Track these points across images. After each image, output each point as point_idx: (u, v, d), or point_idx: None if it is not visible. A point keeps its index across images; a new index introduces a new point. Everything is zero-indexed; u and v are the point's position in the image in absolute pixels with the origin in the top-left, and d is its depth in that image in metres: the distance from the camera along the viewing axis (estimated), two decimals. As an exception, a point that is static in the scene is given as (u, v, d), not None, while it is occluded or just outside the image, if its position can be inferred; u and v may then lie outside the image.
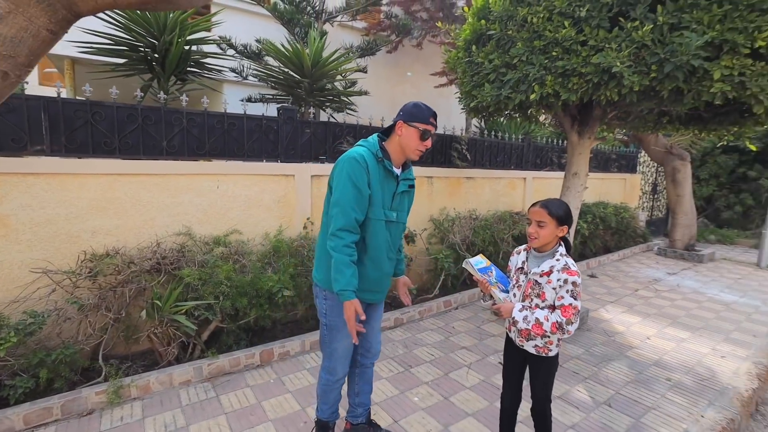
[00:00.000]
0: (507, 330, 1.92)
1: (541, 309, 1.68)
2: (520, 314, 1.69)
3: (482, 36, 3.28)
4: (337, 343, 1.92)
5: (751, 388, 2.88)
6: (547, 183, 7.00)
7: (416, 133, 1.78)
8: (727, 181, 10.06)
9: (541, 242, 1.73)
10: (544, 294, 1.67)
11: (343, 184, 1.70)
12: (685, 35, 2.23)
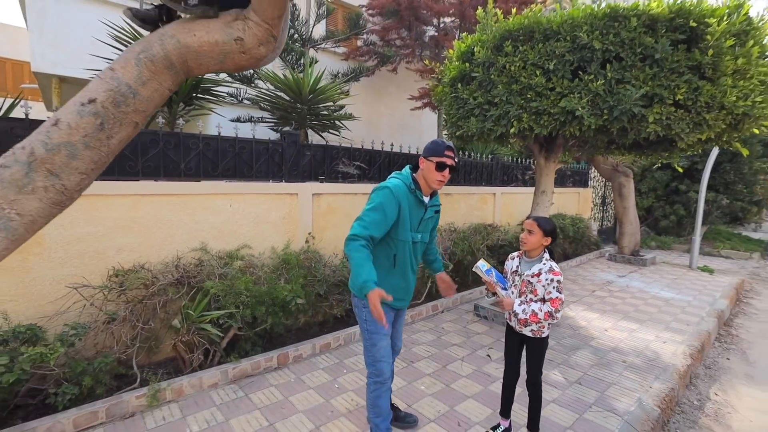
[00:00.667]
0: (507, 320, 2.41)
1: (534, 302, 2.19)
2: (519, 308, 2.20)
3: (466, 76, 3.87)
4: (379, 343, 2.17)
5: (686, 365, 3.56)
6: (513, 198, 7.74)
7: (433, 165, 2.08)
8: (663, 193, 11.37)
9: (529, 246, 2.24)
10: (536, 290, 2.19)
11: (374, 205, 2.01)
12: (627, 88, 2.89)
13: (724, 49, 2.79)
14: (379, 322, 1.77)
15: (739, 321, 5.35)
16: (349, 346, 3.86)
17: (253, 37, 1.65)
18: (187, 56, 1.60)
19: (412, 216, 2.13)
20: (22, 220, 1.41)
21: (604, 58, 3.03)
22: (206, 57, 1.63)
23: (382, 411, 2.23)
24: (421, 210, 2.17)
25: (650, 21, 2.93)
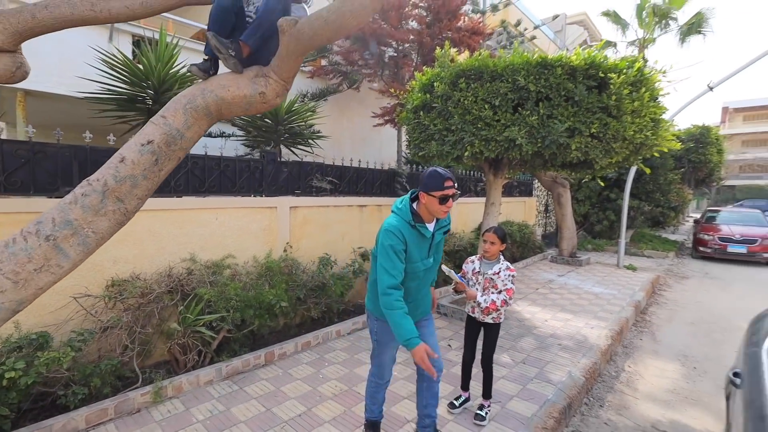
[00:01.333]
0: (470, 312, 2.99)
1: (495, 294, 2.79)
2: (482, 298, 2.79)
3: (427, 105, 4.50)
4: (384, 354, 2.41)
5: (607, 345, 4.37)
6: (467, 207, 8.54)
7: (436, 200, 2.07)
8: (597, 201, 12.78)
9: (491, 255, 2.86)
10: (497, 285, 2.80)
11: (385, 252, 2.04)
12: (555, 123, 3.64)
13: (624, 95, 3.63)
14: (428, 372, 1.88)
15: (652, 309, 6.39)
16: (327, 343, 4.30)
17: (272, 92, 2.13)
18: (221, 106, 2.05)
19: (419, 248, 2.16)
20: (95, 236, 1.79)
21: (537, 97, 3.78)
22: (236, 106, 2.08)
23: (377, 400, 2.57)
24: (427, 240, 2.21)
25: (571, 70, 3.72)
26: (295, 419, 2.90)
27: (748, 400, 1.81)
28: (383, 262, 2.06)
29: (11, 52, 1.99)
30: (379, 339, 2.40)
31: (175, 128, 1.93)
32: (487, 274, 2.86)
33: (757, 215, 12.18)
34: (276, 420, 2.89)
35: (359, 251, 5.54)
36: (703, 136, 14.45)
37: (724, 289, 7.87)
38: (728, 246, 10.79)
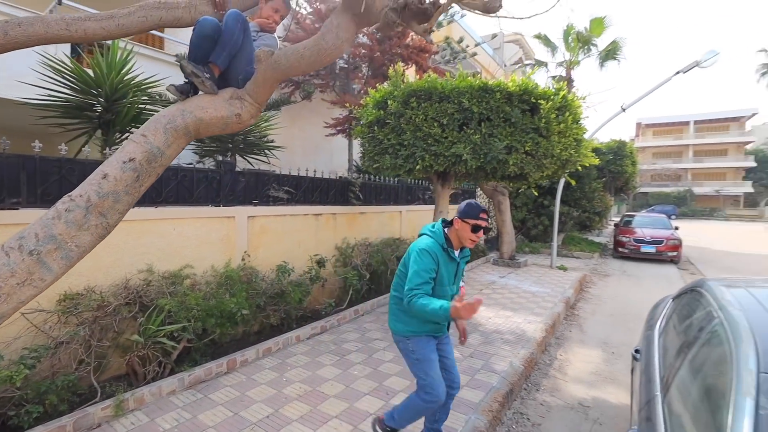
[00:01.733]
0: None
1: None
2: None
3: (381, 120, 4.83)
4: (432, 369, 2.31)
5: (542, 337, 4.93)
6: (417, 215, 8.99)
7: (469, 227, 2.25)
8: (533, 207, 13.91)
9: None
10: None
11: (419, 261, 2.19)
12: (495, 141, 4.13)
13: (552, 118, 4.20)
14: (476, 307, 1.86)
15: (579, 304, 7.19)
16: (287, 348, 4.43)
17: (247, 113, 2.31)
18: (200, 126, 2.19)
19: (447, 272, 2.31)
20: (78, 250, 1.87)
21: (479, 118, 4.25)
22: (214, 126, 2.24)
23: (416, 418, 2.44)
24: (454, 264, 2.37)
25: (508, 95, 4.24)
26: (263, 420, 3.04)
27: (643, 369, 2.30)
28: (417, 269, 2.17)
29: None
30: (419, 357, 2.34)
31: (156, 146, 2.05)
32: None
33: (663, 219, 13.95)
34: (245, 423, 3.00)
35: (315, 258, 5.71)
36: (620, 149, 16.26)
37: (637, 284, 9.01)
38: (641, 246, 12.27)
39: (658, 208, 37.75)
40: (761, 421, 1.09)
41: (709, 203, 45.51)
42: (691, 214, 42.14)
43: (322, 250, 6.03)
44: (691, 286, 2.52)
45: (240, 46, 2.31)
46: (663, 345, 2.36)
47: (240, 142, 5.70)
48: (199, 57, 2.26)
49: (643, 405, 1.94)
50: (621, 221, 14.80)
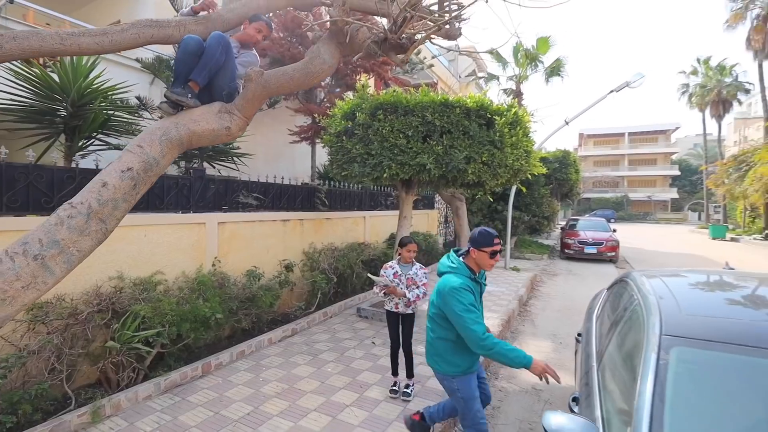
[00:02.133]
0: (393, 308, 3.58)
1: (417, 289, 3.44)
2: (411, 294, 3.42)
3: (349, 131, 5.09)
4: (475, 406, 2.44)
5: (498, 331, 5.38)
6: (379, 220, 9.30)
7: (487, 255, 2.38)
8: (487, 212, 14.69)
9: (410, 260, 3.52)
10: (417, 282, 3.45)
11: (462, 300, 2.25)
12: (456, 152, 4.53)
13: (505, 132, 4.68)
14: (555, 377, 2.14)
15: (531, 301, 7.81)
16: (260, 351, 4.54)
17: (236, 126, 2.50)
18: (192, 138, 2.36)
19: (476, 289, 2.46)
20: (79, 254, 1.97)
21: (442, 131, 4.65)
22: (205, 138, 2.41)
23: None
24: (479, 287, 2.52)
25: (467, 110, 4.67)
26: (244, 417, 3.17)
27: (583, 347, 2.72)
28: (467, 316, 2.22)
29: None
30: (464, 396, 2.43)
31: (153, 156, 2.19)
32: (408, 274, 3.52)
33: (602, 222, 15.25)
34: (226, 421, 3.12)
35: (284, 263, 5.83)
36: (564, 158, 17.57)
37: (582, 282, 9.86)
38: (585, 248, 13.36)
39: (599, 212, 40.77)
40: (660, 367, 1.47)
41: (643, 208, 49.82)
42: (628, 218, 45.88)
43: (290, 255, 6.16)
44: (621, 278, 3.00)
45: (222, 64, 2.50)
46: (599, 326, 2.81)
47: (208, 150, 5.73)
48: (184, 72, 2.43)
49: (583, 375, 2.34)
50: (567, 225, 15.98)
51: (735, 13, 21.56)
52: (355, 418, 3.19)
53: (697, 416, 1.35)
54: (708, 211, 35.57)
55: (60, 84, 3.97)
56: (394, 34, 2.02)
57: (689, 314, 1.78)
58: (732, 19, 21.76)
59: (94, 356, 3.49)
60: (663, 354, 1.53)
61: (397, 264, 3.64)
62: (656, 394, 1.38)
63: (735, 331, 1.59)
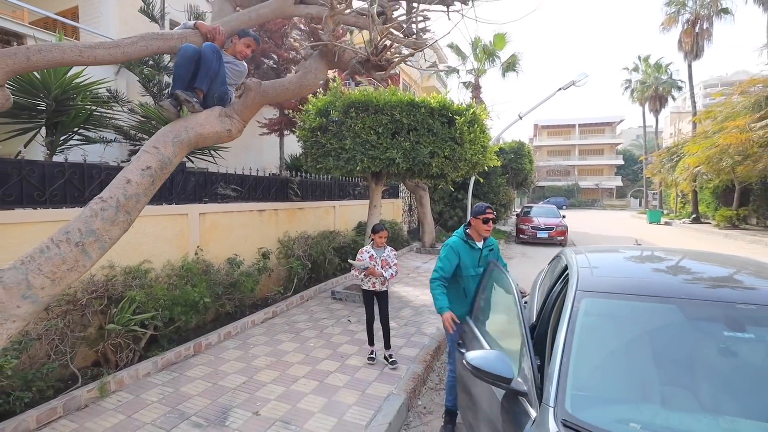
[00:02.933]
0: (371, 287, 4.06)
1: (389, 269, 3.95)
2: (387, 273, 3.92)
3: (323, 127, 5.48)
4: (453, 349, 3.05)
5: (460, 306, 6.04)
6: (348, 209, 9.73)
7: (480, 221, 2.99)
8: (449, 201, 15.50)
9: (383, 244, 4.02)
10: (389, 262, 3.96)
11: (442, 256, 3.01)
12: (421, 147, 5.05)
13: (465, 129, 5.26)
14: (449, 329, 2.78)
15: (488, 282, 8.58)
16: (245, 332, 4.91)
17: (236, 129, 2.87)
18: (199, 140, 2.70)
19: (470, 258, 3.05)
20: (110, 241, 2.31)
21: (409, 128, 5.15)
22: (209, 140, 2.76)
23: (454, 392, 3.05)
24: (476, 252, 3.07)
25: (431, 110, 5.20)
26: (241, 386, 3.58)
27: (528, 309, 3.36)
28: (438, 262, 3.00)
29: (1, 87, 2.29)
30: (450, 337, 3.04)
31: (167, 156, 2.53)
32: (382, 256, 4.03)
33: (553, 209, 16.50)
34: (225, 389, 3.52)
35: (261, 251, 6.17)
36: (519, 149, 18.70)
37: (534, 264, 10.83)
38: (537, 233, 14.47)
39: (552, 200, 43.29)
40: (574, 311, 2.07)
41: (591, 195, 53.32)
42: (578, 205, 49.00)
43: (267, 243, 6.49)
44: (557, 254, 3.67)
45: (216, 71, 2.84)
46: (540, 291, 3.46)
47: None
48: (185, 76, 2.75)
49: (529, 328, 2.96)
50: (521, 212, 17.13)
51: (669, 17, 23.53)
52: (340, 381, 3.69)
53: (595, 339, 1.96)
54: (647, 198, 38.80)
55: (41, 80, 4.08)
56: (376, 57, 2.47)
57: (598, 276, 2.41)
58: (666, 21, 23.74)
59: (92, 339, 3.74)
60: (576, 303, 2.13)
61: (372, 248, 4.13)
62: (569, 328, 1.97)
63: (627, 286, 2.23)
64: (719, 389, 1.69)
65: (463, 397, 2.76)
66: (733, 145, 14.15)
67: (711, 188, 22.09)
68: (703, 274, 2.51)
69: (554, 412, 1.62)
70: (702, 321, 1.91)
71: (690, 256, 2.95)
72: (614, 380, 1.84)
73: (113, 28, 7.93)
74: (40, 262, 2.05)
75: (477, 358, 1.99)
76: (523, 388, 1.86)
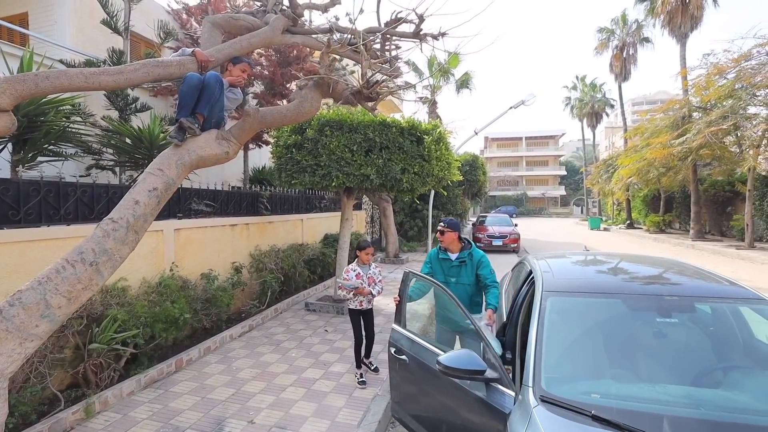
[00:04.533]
0: (358, 306, 4.26)
1: (376, 286, 4.20)
2: (374, 290, 4.16)
3: (298, 144, 5.70)
4: None
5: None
6: (315, 221, 9.89)
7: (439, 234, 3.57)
8: (409, 212, 16.02)
9: (369, 260, 4.27)
10: (375, 280, 4.21)
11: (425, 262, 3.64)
12: (393, 165, 5.42)
13: (432, 148, 5.70)
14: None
15: (452, 289, 9.08)
16: (224, 346, 4.96)
17: (233, 151, 3.06)
18: (200, 162, 2.87)
19: (443, 266, 3.56)
20: (120, 260, 2.42)
21: (381, 146, 5.50)
22: (209, 161, 2.93)
23: None
24: (449, 261, 3.53)
25: (401, 129, 5.59)
26: (231, 398, 3.68)
27: (497, 311, 3.78)
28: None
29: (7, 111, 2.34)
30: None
31: (171, 178, 2.68)
32: (368, 274, 4.25)
33: (506, 218, 17.54)
34: (215, 402, 3.61)
35: (234, 265, 6.21)
36: (474, 162, 19.73)
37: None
38: (493, 241, 15.33)
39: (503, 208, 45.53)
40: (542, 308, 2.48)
41: (538, 204, 56.69)
42: (527, 213, 51.86)
43: (239, 258, 6.53)
44: (519, 261, 4.14)
45: (217, 98, 3.04)
46: (507, 293, 3.90)
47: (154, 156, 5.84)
48: (189, 103, 2.92)
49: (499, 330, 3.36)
50: (477, 221, 18.03)
51: (601, 42, 26.07)
52: (327, 387, 3.90)
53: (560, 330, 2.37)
54: (588, 206, 41.97)
55: (11, 97, 3.98)
56: (367, 90, 2.79)
57: (558, 278, 2.86)
58: (599, 46, 26.27)
59: (70, 360, 3.68)
60: (543, 301, 2.54)
61: (357, 266, 4.31)
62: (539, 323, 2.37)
63: (581, 285, 2.69)
64: (654, 363, 2.15)
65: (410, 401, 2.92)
66: (657, 158, 15.93)
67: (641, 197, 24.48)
68: (639, 273, 3.05)
69: (533, 390, 1.99)
70: (639, 311, 2.39)
71: (627, 258, 3.53)
72: (577, 362, 2.25)
73: (69, 36, 7.63)
74: (56, 282, 2.15)
75: (449, 359, 2.24)
76: (495, 376, 2.19)
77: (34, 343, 2.10)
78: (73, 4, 7.78)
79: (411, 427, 2.86)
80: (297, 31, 3.63)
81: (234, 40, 3.35)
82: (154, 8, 9.15)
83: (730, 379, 2.08)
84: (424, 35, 3.78)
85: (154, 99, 8.59)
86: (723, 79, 13.18)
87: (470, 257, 3.56)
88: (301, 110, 2.89)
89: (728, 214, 17.69)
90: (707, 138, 12.90)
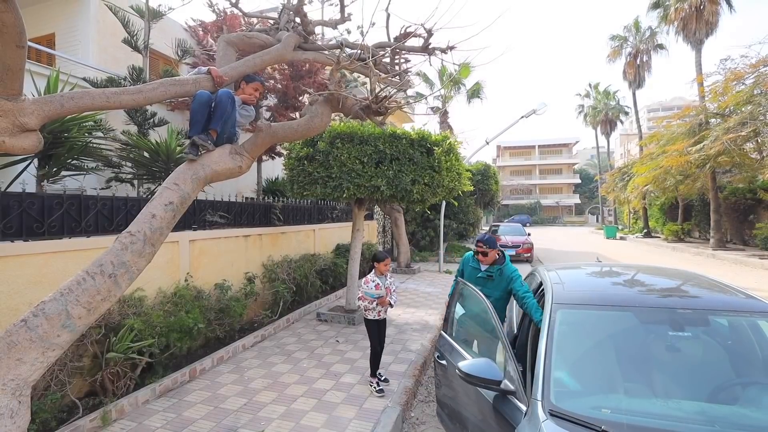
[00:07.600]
0: (376, 316, 4.28)
1: (394, 295, 4.22)
2: (392, 299, 4.18)
3: (310, 156, 5.80)
4: None
5: (439, 324, 6.39)
6: (327, 232, 9.97)
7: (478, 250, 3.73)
8: (421, 222, 16.03)
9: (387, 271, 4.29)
10: (391, 290, 4.23)
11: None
12: (403, 176, 5.47)
13: (442, 159, 5.74)
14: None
15: (464, 299, 9.02)
16: (237, 356, 5.02)
17: (246, 165, 3.14)
18: (214, 176, 2.96)
19: (472, 273, 3.80)
20: (137, 272, 2.50)
21: (392, 158, 5.56)
22: (223, 175, 3.02)
23: None
24: (477, 271, 3.76)
25: (411, 141, 5.65)
26: (242, 408, 3.72)
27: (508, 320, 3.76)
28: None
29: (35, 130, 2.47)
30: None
31: (186, 192, 2.77)
32: (386, 284, 4.27)
33: (519, 227, 17.40)
34: (227, 412, 3.65)
35: (247, 276, 6.30)
36: (486, 171, 19.66)
37: (504, 280, 11.40)
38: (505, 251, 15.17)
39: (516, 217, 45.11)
40: (552, 320, 2.47)
41: (552, 212, 55.98)
42: (540, 222, 51.24)
43: (251, 268, 6.62)
44: (531, 271, 4.12)
45: (229, 115, 3.14)
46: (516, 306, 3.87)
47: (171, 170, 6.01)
48: (200, 119, 3.02)
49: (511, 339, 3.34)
50: (490, 230, 17.90)
51: (614, 50, 25.89)
52: (337, 398, 3.91)
53: (570, 343, 2.36)
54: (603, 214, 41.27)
55: (38, 114, 4.17)
56: (376, 104, 2.85)
57: (568, 290, 2.84)
58: (612, 54, 26.08)
59: (89, 368, 3.77)
60: (553, 314, 2.54)
61: (376, 276, 4.28)
62: (549, 335, 2.36)
63: (592, 297, 2.66)
64: (667, 378, 2.12)
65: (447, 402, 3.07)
66: (674, 166, 15.64)
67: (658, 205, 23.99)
68: (652, 285, 3.01)
69: (542, 404, 1.98)
70: (651, 324, 2.36)
71: (641, 270, 3.48)
72: (587, 376, 2.23)
73: (92, 55, 7.97)
74: (77, 293, 2.23)
75: (468, 366, 2.30)
76: (511, 388, 2.19)
77: (55, 353, 2.18)
78: (96, 25, 8.12)
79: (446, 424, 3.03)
80: (308, 48, 3.74)
81: (247, 58, 3.46)
82: (172, 26, 9.48)
83: (746, 395, 2.04)
84: (432, 49, 3.85)
85: (172, 113, 8.85)
86: (741, 85, 12.95)
87: (499, 273, 3.59)
88: (311, 125, 2.96)
89: (750, 223, 17.21)
90: (725, 145, 12.64)
